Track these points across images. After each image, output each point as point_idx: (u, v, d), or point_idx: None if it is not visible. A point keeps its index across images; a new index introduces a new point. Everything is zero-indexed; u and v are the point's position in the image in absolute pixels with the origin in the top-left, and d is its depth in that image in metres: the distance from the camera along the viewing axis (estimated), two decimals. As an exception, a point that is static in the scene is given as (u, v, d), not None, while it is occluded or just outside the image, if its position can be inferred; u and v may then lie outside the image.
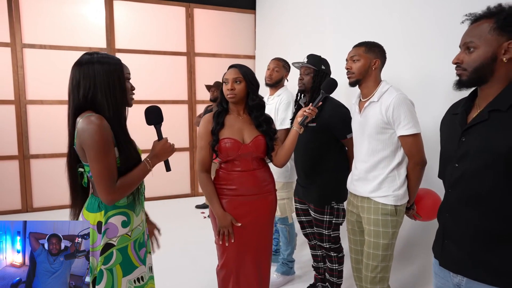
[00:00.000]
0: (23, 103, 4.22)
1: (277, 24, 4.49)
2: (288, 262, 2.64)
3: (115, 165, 1.27)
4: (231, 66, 1.86)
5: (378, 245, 1.68)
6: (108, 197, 1.25)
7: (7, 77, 4.15)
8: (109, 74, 1.27)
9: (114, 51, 4.55)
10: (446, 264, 1.15)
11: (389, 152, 1.67)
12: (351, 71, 1.74)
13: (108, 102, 1.26)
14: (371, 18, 2.74)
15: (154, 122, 1.46)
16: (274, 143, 1.87)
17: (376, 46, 1.74)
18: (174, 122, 4.81)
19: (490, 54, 1.02)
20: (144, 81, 4.71)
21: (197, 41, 5.00)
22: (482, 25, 1.04)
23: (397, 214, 1.68)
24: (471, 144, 1.06)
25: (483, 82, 1.07)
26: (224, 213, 1.79)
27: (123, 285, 1.33)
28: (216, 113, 1.86)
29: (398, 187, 1.67)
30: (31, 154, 4.30)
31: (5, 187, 4.25)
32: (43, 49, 4.21)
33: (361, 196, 1.77)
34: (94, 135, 1.20)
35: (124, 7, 4.60)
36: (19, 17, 4.14)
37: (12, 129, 4.22)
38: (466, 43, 1.07)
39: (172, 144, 1.47)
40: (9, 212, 4.27)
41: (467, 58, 1.06)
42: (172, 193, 4.93)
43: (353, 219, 1.86)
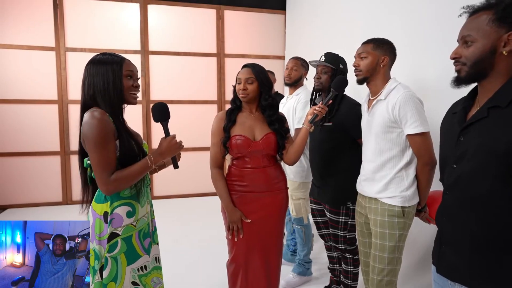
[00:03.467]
0: (65, 102, 4.54)
1: (307, 24, 4.46)
2: (304, 263, 2.61)
3: (113, 158, 1.32)
4: (244, 65, 1.89)
5: (384, 247, 1.62)
6: (103, 187, 1.31)
7: (51, 79, 4.49)
8: (106, 72, 1.34)
9: (148, 53, 4.76)
10: (443, 271, 1.08)
11: (396, 152, 1.61)
12: (358, 69, 1.70)
13: (104, 99, 1.34)
14: (402, 19, 2.64)
15: (161, 119, 1.49)
16: (286, 141, 1.87)
17: (385, 42, 1.69)
18: (204, 122, 4.93)
19: (489, 47, 0.96)
20: (175, 82, 4.90)
21: (227, 42, 5.09)
22: (480, 18, 0.98)
23: (405, 216, 1.61)
24: (469, 144, 1.00)
25: (482, 77, 1.00)
26: (234, 209, 1.83)
27: (127, 273, 1.39)
28: (229, 110, 1.89)
29: (406, 188, 1.61)
30: (72, 151, 4.60)
31: (48, 181, 4.59)
32: (83, 52, 4.53)
33: (369, 197, 1.72)
34: (94, 128, 1.27)
35: (158, 11, 4.80)
36: (63, 23, 4.47)
37: (55, 127, 4.55)
38: (464, 36, 1.01)
39: (179, 141, 1.48)
40: (51, 204, 4.60)
41: (465, 52, 1.00)
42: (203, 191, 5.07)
43: (361, 221, 1.82)
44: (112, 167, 1.32)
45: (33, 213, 4.31)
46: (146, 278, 1.47)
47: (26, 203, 4.51)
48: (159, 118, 1.50)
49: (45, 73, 4.46)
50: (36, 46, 4.41)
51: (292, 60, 2.62)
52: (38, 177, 4.55)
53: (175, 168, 1.54)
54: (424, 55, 2.33)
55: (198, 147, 4.94)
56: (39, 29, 4.40)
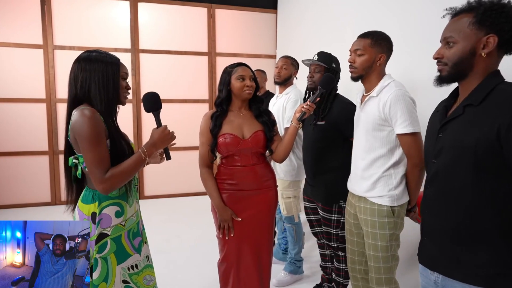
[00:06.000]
0: (53, 101, 4.47)
1: (298, 24, 4.47)
2: (296, 261, 2.62)
3: (107, 155, 1.31)
4: (240, 64, 1.88)
5: (377, 247, 1.63)
6: (100, 186, 1.29)
7: (39, 77, 4.41)
8: (105, 71, 1.33)
9: (138, 52, 4.72)
10: (423, 261, 1.15)
11: (386, 151, 1.61)
12: (353, 65, 1.65)
13: (101, 97, 1.32)
14: (393, 18, 2.65)
15: (152, 108, 1.45)
16: (273, 134, 1.88)
17: (383, 39, 1.63)
18: (195, 121, 4.88)
19: (469, 48, 1.01)
20: (166, 81, 4.86)
21: (218, 41, 5.07)
22: (461, 20, 1.03)
23: (395, 215, 1.61)
24: (446, 139, 1.06)
25: (462, 78, 1.05)
26: (224, 208, 1.82)
27: (117, 272, 1.38)
28: (214, 115, 1.86)
29: (393, 187, 1.60)
30: (60, 150, 4.53)
31: (36, 181, 4.51)
32: (72, 50, 4.46)
33: (358, 195, 1.72)
34: (86, 126, 1.26)
35: (148, 9, 4.76)
36: (51, 21, 4.39)
37: (43, 126, 4.48)
38: (446, 37, 1.06)
39: (171, 131, 1.46)
40: (39, 205, 4.52)
41: (447, 53, 1.05)
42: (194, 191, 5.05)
43: (350, 219, 1.82)
44: (106, 165, 1.31)
45: (22, 214, 4.24)
46: (137, 277, 1.45)
47: (14, 203, 4.44)
48: (151, 108, 1.46)
49: (32, 72, 4.38)
50: (23, 44, 4.33)
51: (282, 58, 2.62)
52: (26, 177, 4.47)
53: (168, 159, 1.50)
54: (415, 55, 2.35)
55: (189, 146, 4.92)
56: (26, 26, 4.32)
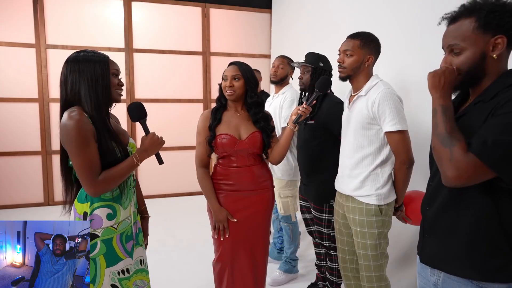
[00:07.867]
0: (46, 101, 4.42)
1: (293, 23, 4.48)
2: (291, 260, 2.63)
3: (96, 159, 1.29)
4: (231, 63, 1.88)
5: (366, 245, 1.65)
6: (91, 190, 1.28)
7: (31, 77, 4.36)
8: (94, 70, 1.31)
9: (132, 51, 4.69)
10: (425, 259, 1.13)
11: (374, 149, 1.62)
12: (342, 65, 1.68)
13: (91, 98, 1.30)
14: (386, 18, 2.67)
15: (138, 118, 1.49)
16: (271, 140, 1.87)
17: (372, 40, 1.67)
18: (190, 120, 4.88)
19: (479, 53, 0.98)
20: (160, 80, 4.84)
21: (212, 40, 5.06)
22: (462, 25, 1.00)
23: (383, 214, 1.63)
24: None
25: (476, 83, 1.03)
26: (220, 208, 1.82)
27: (106, 275, 1.36)
28: (214, 109, 1.88)
29: (381, 185, 1.62)
30: (53, 150, 4.49)
31: (29, 182, 4.46)
32: (65, 50, 4.42)
33: (346, 195, 1.74)
34: (71, 130, 1.24)
35: (142, 8, 4.73)
36: (44, 19, 4.35)
37: (35, 126, 4.43)
38: (450, 45, 1.03)
39: (160, 137, 1.49)
40: (32, 205, 4.48)
41: (455, 60, 1.02)
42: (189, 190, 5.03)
43: (339, 219, 1.82)
44: (97, 168, 1.29)
45: (14, 215, 4.19)
46: (128, 282, 1.43)
47: (6, 204, 4.38)
48: (137, 117, 1.49)
49: (25, 71, 4.33)
50: (15, 43, 4.28)
51: (278, 58, 2.63)
52: (19, 177, 4.42)
53: (160, 163, 1.52)
54: (407, 55, 2.37)
55: (183, 146, 4.90)
56: (18, 25, 4.27)
